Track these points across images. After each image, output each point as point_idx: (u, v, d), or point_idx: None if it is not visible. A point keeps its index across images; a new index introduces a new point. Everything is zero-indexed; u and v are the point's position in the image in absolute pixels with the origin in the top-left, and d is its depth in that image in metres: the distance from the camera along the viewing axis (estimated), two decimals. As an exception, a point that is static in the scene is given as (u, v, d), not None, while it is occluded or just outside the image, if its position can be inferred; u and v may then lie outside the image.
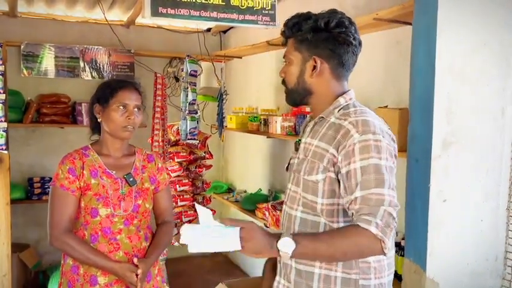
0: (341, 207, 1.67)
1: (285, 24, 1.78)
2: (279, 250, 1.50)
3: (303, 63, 1.74)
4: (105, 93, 2.29)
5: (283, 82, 1.83)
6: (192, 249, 1.51)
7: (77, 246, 2.17)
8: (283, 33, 1.80)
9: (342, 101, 1.74)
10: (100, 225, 2.23)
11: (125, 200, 2.27)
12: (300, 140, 1.84)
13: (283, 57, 1.82)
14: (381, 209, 1.52)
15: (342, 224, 1.67)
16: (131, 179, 2.31)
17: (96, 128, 2.40)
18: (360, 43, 1.76)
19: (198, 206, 1.57)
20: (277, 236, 1.52)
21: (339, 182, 1.63)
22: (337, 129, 1.65)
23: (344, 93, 1.76)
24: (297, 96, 1.80)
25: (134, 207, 2.29)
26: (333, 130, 1.66)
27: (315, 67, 1.72)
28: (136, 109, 2.31)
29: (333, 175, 1.64)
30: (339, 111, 1.72)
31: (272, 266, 1.98)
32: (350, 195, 1.57)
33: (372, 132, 1.59)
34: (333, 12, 1.72)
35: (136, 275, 2.16)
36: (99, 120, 2.32)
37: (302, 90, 1.77)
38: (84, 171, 2.24)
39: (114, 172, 2.30)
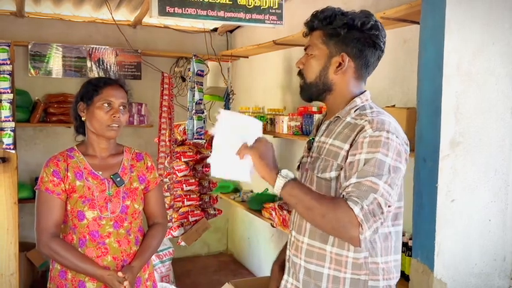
0: None
1: (315, 15, 1.72)
2: (278, 173, 1.60)
3: (329, 58, 1.70)
4: (89, 90, 2.21)
5: (300, 74, 1.78)
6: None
7: (64, 253, 2.09)
8: (309, 23, 1.74)
9: (358, 101, 1.72)
10: (87, 228, 2.15)
11: (112, 202, 2.19)
12: (313, 138, 1.82)
13: (305, 49, 1.77)
14: (371, 196, 1.50)
15: None
16: (118, 179, 2.23)
17: (80, 127, 2.30)
18: (384, 50, 1.74)
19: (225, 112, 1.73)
20: (278, 170, 1.62)
21: None
22: (353, 128, 1.64)
23: (361, 94, 1.74)
24: (315, 91, 1.75)
25: (122, 208, 2.21)
26: (349, 129, 1.65)
27: (340, 64, 1.69)
28: (121, 107, 2.21)
29: None
30: (355, 111, 1.70)
31: (280, 266, 1.97)
32: (347, 181, 1.56)
33: (386, 130, 1.57)
34: (368, 14, 1.69)
35: (124, 286, 2.09)
36: (83, 119, 2.23)
37: (322, 86, 1.73)
38: (69, 173, 2.17)
39: (100, 173, 2.22)
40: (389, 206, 1.55)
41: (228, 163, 1.66)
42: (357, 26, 1.65)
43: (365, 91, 1.77)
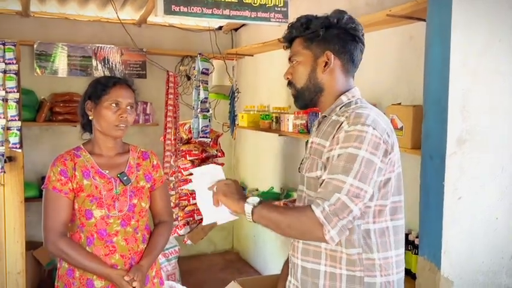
0: None
1: (291, 26, 1.79)
2: (245, 202, 1.67)
3: (314, 60, 1.74)
4: (97, 89, 2.21)
5: (290, 84, 1.82)
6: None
7: (72, 252, 2.10)
8: (287, 35, 1.82)
9: (344, 99, 1.73)
10: (95, 227, 2.16)
11: (119, 200, 2.20)
12: (307, 140, 1.85)
13: (289, 59, 1.81)
14: (334, 196, 1.52)
15: None
16: (125, 178, 2.24)
17: (87, 125, 2.31)
18: (364, 43, 1.77)
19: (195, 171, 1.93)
20: (245, 197, 1.72)
21: None
22: (334, 125, 1.66)
23: (347, 90, 1.75)
24: (307, 95, 1.77)
25: (130, 207, 2.22)
26: (331, 126, 1.67)
27: (326, 63, 1.72)
28: (129, 107, 2.23)
29: None
30: (340, 108, 1.72)
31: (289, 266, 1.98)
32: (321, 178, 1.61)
33: (361, 123, 1.57)
34: (341, 11, 1.74)
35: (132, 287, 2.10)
36: (90, 117, 2.24)
37: (313, 88, 1.75)
38: (76, 173, 2.18)
39: (107, 172, 2.23)
40: (366, 201, 1.55)
41: (212, 211, 1.82)
42: (334, 23, 1.70)
43: (353, 88, 1.77)
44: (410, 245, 2.60)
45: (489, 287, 2.29)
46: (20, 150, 3.67)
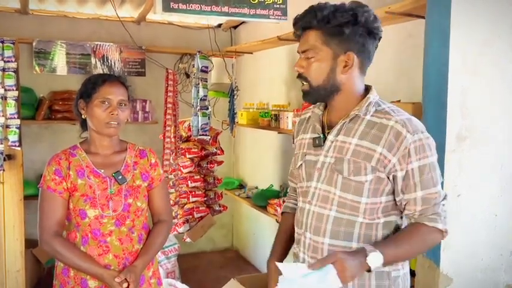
0: (382, 205, 1.66)
1: (309, 14, 1.63)
2: (370, 266, 1.54)
3: (334, 59, 1.64)
4: (88, 88, 2.19)
5: (301, 77, 1.70)
6: None
7: (65, 252, 2.09)
8: (304, 22, 1.65)
9: (371, 98, 1.69)
10: (89, 227, 2.14)
11: (113, 200, 2.17)
12: (323, 136, 1.74)
13: (302, 52, 1.68)
14: (440, 206, 1.63)
15: (381, 220, 1.67)
16: (120, 177, 2.20)
17: (85, 124, 2.29)
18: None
19: (282, 265, 1.58)
20: (362, 253, 1.54)
21: (389, 181, 1.64)
22: (381, 129, 1.61)
23: (368, 89, 1.73)
24: (323, 94, 1.69)
25: (124, 206, 2.19)
26: (377, 129, 1.62)
27: (346, 62, 1.64)
28: (121, 104, 2.18)
29: (382, 175, 1.62)
30: (372, 107, 1.68)
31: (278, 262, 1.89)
32: (408, 194, 1.63)
33: (421, 131, 1.62)
34: (365, 6, 1.64)
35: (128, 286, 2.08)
36: (83, 116, 2.23)
37: (330, 87, 1.67)
38: (71, 172, 2.16)
39: (102, 171, 2.19)
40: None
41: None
42: (361, 22, 1.60)
43: (370, 86, 1.75)
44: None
45: (488, 284, 2.29)
46: (19, 149, 3.66)
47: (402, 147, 1.58)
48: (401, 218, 1.73)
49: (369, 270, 1.55)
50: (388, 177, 1.63)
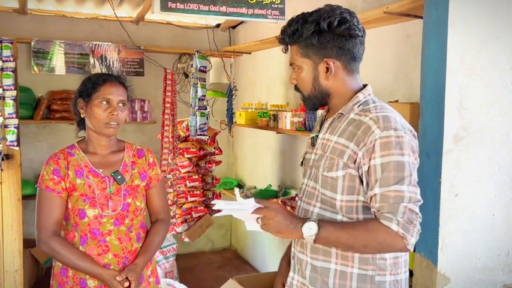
0: (360, 204, 1.66)
1: (284, 32, 1.74)
2: (302, 233, 1.57)
3: (315, 68, 1.70)
4: (88, 87, 2.19)
5: (297, 89, 1.79)
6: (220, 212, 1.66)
7: (64, 252, 2.08)
8: (281, 40, 1.76)
9: (361, 96, 1.71)
10: (89, 226, 2.14)
11: (112, 199, 2.17)
12: (317, 135, 1.81)
13: (290, 65, 1.78)
14: (400, 206, 1.53)
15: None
16: (119, 177, 2.20)
17: (81, 124, 2.29)
18: (364, 31, 1.71)
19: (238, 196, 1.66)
20: (302, 220, 1.60)
21: (360, 178, 1.63)
22: (357, 125, 1.63)
23: (361, 88, 1.73)
24: (316, 101, 1.76)
25: (124, 206, 2.19)
26: (353, 126, 1.64)
27: (327, 69, 1.68)
28: (120, 104, 2.19)
29: (353, 171, 1.63)
30: (358, 106, 1.69)
31: (287, 261, 1.96)
32: (370, 191, 1.59)
33: (394, 128, 1.57)
34: (331, 9, 1.66)
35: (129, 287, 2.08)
36: (82, 116, 2.22)
37: (320, 94, 1.73)
38: (69, 172, 2.15)
39: (101, 170, 2.19)
40: (418, 202, 1.59)
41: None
42: (324, 28, 1.63)
43: (366, 85, 1.76)
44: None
45: (485, 284, 2.29)
46: (17, 148, 3.66)
47: (368, 141, 1.58)
48: None
49: (315, 241, 1.58)
50: (359, 174, 1.63)
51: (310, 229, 1.56)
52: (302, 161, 1.92)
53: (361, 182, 1.63)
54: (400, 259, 1.70)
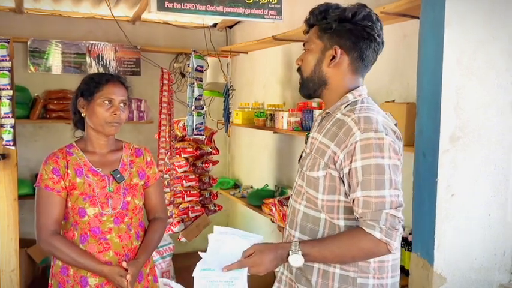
0: (341, 204, 1.66)
1: (311, 12, 1.75)
2: (287, 259, 1.62)
3: (323, 52, 1.72)
4: (90, 86, 2.20)
5: (299, 70, 1.81)
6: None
7: (65, 249, 2.10)
8: (307, 20, 1.78)
9: (350, 97, 1.71)
10: (89, 225, 2.16)
11: (112, 198, 2.19)
12: (308, 133, 1.85)
13: (303, 45, 1.80)
14: (383, 213, 1.54)
15: (342, 221, 1.67)
16: (118, 176, 2.22)
17: (79, 123, 2.30)
18: (383, 42, 1.73)
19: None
20: (286, 248, 1.62)
21: (341, 179, 1.64)
22: (340, 126, 1.64)
23: (354, 88, 1.74)
24: (311, 86, 1.77)
25: (123, 204, 2.22)
26: (337, 127, 1.65)
27: (333, 57, 1.70)
28: (122, 104, 2.22)
29: (333, 172, 1.64)
30: (345, 107, 1.70)
31: None
32: (352, 193, 1.59)
33: (374, 130, 1.57)
34: (361, 5, 1.70)
35: (126, 280, 2.09)
36: (82, 115, 2.23)
37: (317, 80, 1.74)
38: (69, 171, 2.17)
39: (100, 169, 2.21)
40: (400, 207, 1.58)
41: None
42: (348, 17, 1.66)
43: (360, 86, 1.76)
44: (404, 242, 2.61)
45: (482, 283, 2.30)
46: (13, 148, 3.65)
47: (349, 143, 1.59)
48: None
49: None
50: (340, 175, 1.64)
51: (296, 260, 1.60)
52: (299, 159, 1.93)
53: (343, 182, 1.63)
54: (386, 263, 1.69)
